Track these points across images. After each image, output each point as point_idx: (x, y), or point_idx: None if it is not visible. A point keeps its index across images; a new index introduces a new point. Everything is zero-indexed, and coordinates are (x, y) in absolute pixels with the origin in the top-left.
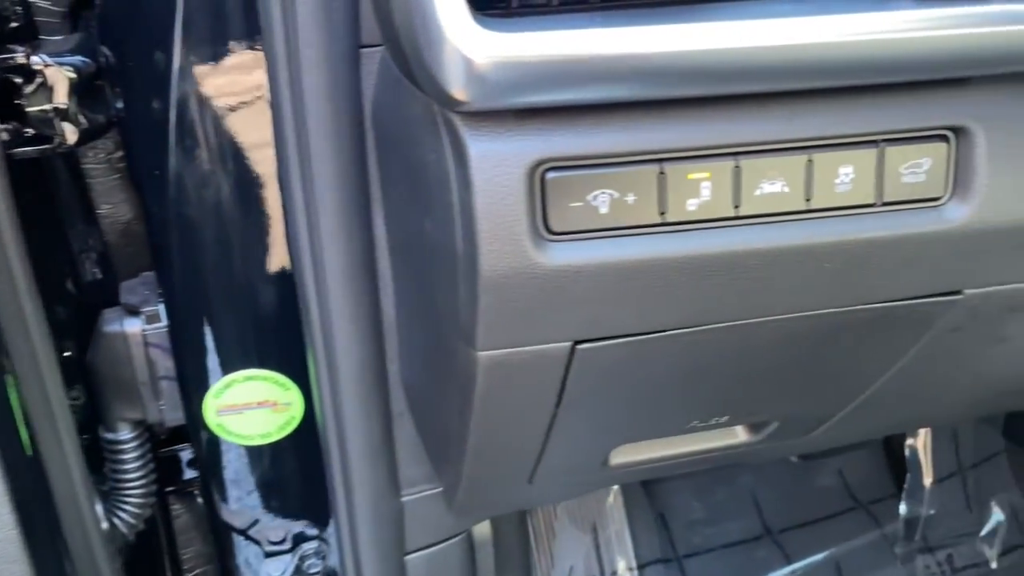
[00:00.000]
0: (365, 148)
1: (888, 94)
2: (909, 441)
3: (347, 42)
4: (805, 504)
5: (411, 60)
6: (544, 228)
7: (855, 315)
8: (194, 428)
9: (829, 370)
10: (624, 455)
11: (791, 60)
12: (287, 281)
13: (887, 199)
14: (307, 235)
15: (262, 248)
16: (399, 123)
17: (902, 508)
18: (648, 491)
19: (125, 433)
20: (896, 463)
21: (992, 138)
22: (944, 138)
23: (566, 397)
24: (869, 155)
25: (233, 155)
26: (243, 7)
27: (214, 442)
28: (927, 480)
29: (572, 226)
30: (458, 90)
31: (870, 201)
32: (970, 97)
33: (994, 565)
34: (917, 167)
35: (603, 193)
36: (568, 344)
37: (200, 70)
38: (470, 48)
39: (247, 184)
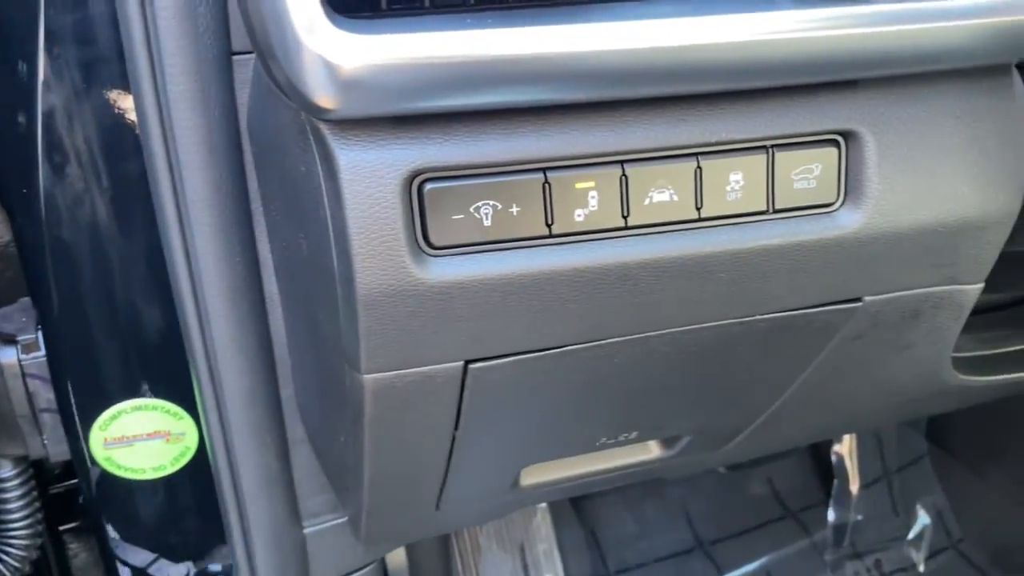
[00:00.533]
0: (243, 161)
1: (776, 98)
2: (835, 447)
3: (216, 49)
4: (736, 514)
5: (272, 67)
6: (424, 242)
7: (755, 325)
8: (81, 463)
9: (735, 382)
10: (535, 475)
11: (675, 63)
12: (174, 303)
13: (779, 206)
14: (183, 255)
15: (144, 269)
16: (271, 133)
17: (830, 515)
18: (577, 507)
19: (6, 470)
20: (823, 470)
21: (881, 142)
22: (834, 143)
23: (464, 419)
24: (759, 161)
25: (107, 171)
26: (109, 15)
27: (105, 477)
28: (854, 486)
29: (454, 240)
30: (322, 97)
31: (761, 208)
32: (858, 101)
33: (921, 568)
34: (808, 173)
35: (486, 204)
36: (460, 364)
37: (66, 81)
38: (331, 52)
39: (123, 202)
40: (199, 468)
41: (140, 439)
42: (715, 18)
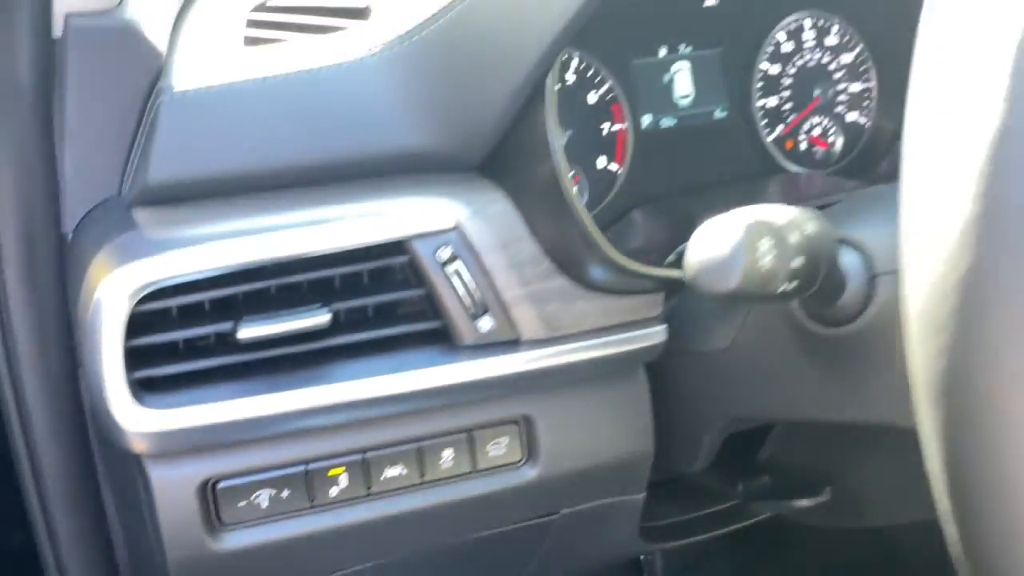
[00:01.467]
0: (87, 439)
1: (472, 402)
2: None
3: (66, 364)
4: None
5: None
6: (217, 522)
7: (484, 537)
8: None
9: (489, 565)
10: None
11: (391, 400)
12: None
13: (479, 467)
14: (38, 503)
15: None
16: (104, 439)
17: None
18: None
19: None
20: (638, 569)
21: (546, 420)
22: (516, 422)
23: None
24: (463, 439)
25: None
26: None
27: None
28: None
29: (240, 519)
30: (128, 445)
31: (467, 470)
32: (529, 397)
33: None
34: (499, 443)
35: (263, 492)
36: None
37: None
38: (133, 424)
39: None
40: None
41: None
42: (417, 371)
